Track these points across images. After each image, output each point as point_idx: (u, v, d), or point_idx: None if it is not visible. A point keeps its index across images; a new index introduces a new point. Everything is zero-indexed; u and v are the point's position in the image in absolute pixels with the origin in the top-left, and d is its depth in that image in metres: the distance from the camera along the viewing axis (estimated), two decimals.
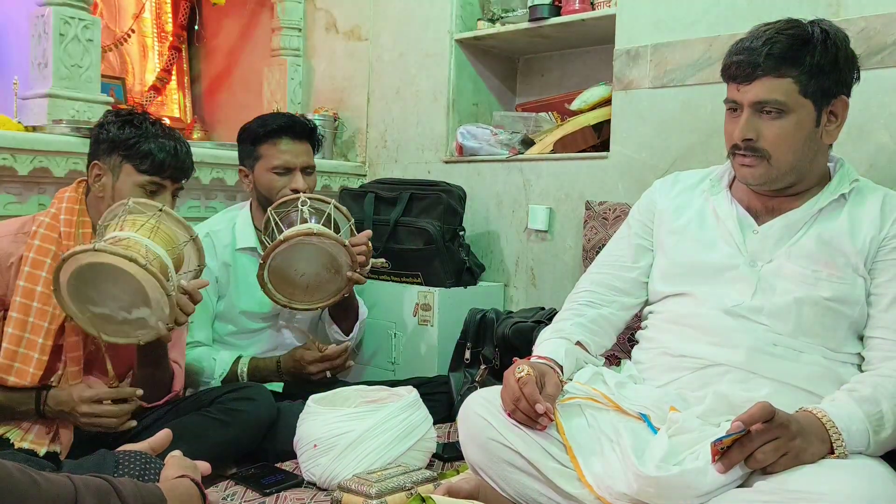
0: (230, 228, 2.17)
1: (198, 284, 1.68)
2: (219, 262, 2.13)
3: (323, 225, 1.96)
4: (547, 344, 1.53)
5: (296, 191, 2.07)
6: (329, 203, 2.01)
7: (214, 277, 2.12)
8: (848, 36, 1.42)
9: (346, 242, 1.94)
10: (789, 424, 1.18)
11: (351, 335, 2.24)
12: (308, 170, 2.15)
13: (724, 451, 1.18)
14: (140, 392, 1.68)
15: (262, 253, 2.11)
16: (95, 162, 1.73)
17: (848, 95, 1.43)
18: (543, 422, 1.34)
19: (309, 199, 2.00)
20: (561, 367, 1.46)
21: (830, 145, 1.47)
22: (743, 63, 1.40)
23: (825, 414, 1.22)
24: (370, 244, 2.05)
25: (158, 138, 1.73)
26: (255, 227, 2.17)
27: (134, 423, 1.64)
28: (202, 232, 2.12)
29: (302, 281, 1.99)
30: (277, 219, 2.00)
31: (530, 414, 1.34)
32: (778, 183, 1.44)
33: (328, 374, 2.07)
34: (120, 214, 1.63)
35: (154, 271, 1.52)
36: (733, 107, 1.44)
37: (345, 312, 2.21)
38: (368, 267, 2.05)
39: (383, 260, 2.13)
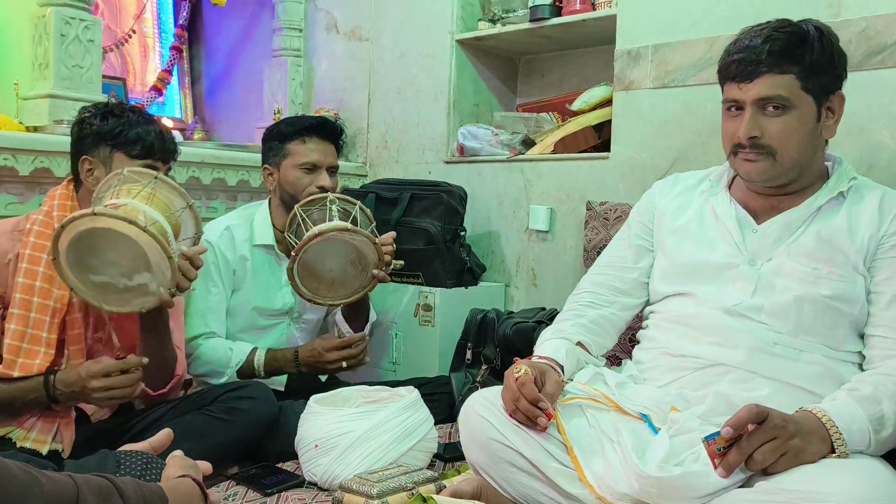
0: (248, 224, 2.20)
1: (198, 251, 1.68)
2: (237, 256, 2.15)
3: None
4: (548, 344, 1.53)
5: (322, 188, 2.12)
6: (355, 204, 2.06)
7: (232, 270, 2.14)
8: (837, 35, 1.44)
9: (377, 240, 1.97)
10: (786, 424, 1.18)
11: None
12: (333, 169, 2.19)
13: (723, 454, 1.18)
14: (146, 360, 1.67)
15: (279, 251, 2.17)
16: (85, 157, 1.74)
17: (842, 90, 1.45)
18: (543, 422, 1.34)
19: (337, 198, 2.05)
20: (561, 367, 1.46)
21: (826, 143, 1.47)
22: (745, 61, 1.40)
23: (825, 413, 1.22)
24: (394, 244, 2.08)
25: (142, 124, 1.76)
26: (274, 225, 2.20)
27: (139, 389, 1.63)
28: (221, 226, 2.16)
29: (329, 276, 2.03)
30: (304, 216, 2.03)
31: (530, 414, 1.34)
32: (781, 179, 1.44)
33: (344, 364, 2.07)
34: (115, 184, 1.64)
35: (154, 233, 1.52)
36: (734, 106, 1.44)
37: (357, 312, 2.22)
38: (391, 267, 2.07)
39: (401, 262, 2.14)
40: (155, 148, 1.75)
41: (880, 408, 1.24)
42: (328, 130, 2.19)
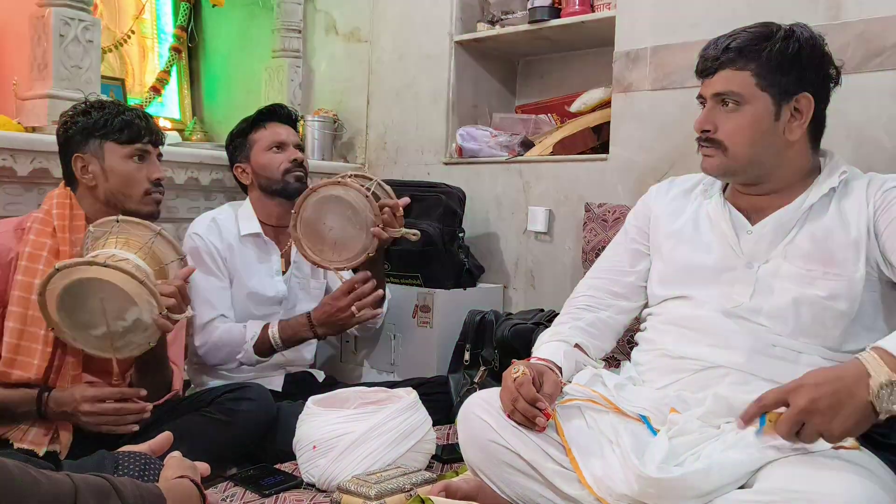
0: (233, 218, 2.23)
1: (186, 272, 1.69)
2: (224, 244, 2.18)
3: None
4: (546, 346, 1.53)
5: (296, 161, 2.21)
6: (372, 179, 2.12)
7: (223, 258, 2.16)
8: (820, 38, 1.42)
9: (369, 194, 2.00)
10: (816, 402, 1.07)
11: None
12: (299, 147, 2.29)
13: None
14: (144, 392, 1.69)
15: (267, 238, 2.21)
16: (77, 155, 1.76)
17: (815, 94, 1.41)
18: (541, 423, 1.34)
19: (355, 175, 2.12)
20: (560, 369, 1.46)
21: (816, 141, 1.46)
22: (706, 57, 1.46)
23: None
24: (401, 210, 2.08)
25: (125, 112, 1.80)
26: (258, 218, 2.23)
27: (136, 427, 1.65)
28: (207, 218, 2.21)
29: (330, 235, 2.05)
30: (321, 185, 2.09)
31: (528, 414, 1.34)
32: (739, 175, 1.46)
33: (355, 309, 2.07)
34: (87, 245, 1.68)
35: (115, 265, 1.54)
36: (702, 102, 1.49)
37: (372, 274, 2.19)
38: (398, 232, 2.06)
39: (416, 232, 2.12)
40: (143, 131, 1.79)
41: None
42: (282, 113, 2.30)
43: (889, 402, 1.05)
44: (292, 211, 2.03)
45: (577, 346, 1.55)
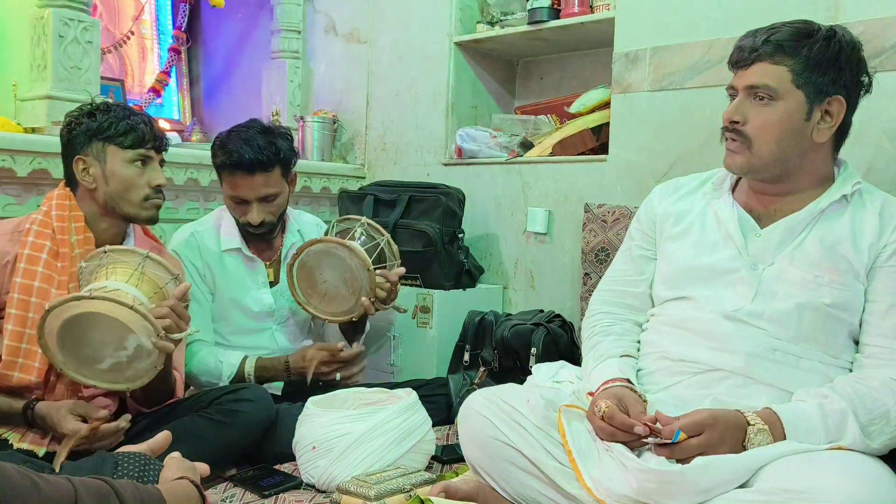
0: (215, 230, 2.15)
1: (180, 291, 1.67)
2: (203, 262, 2.12)
3: (367, 252, 2.02)
4: (599, 371, 1.48)
5: (252, 224, 2.05)
6: (384, 236, 2.12)
7: (201, 275, 2.12)
8: (859, 44, 1.43)
9: (371, 268, 1.99)
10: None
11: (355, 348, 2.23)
12: (269, 198, 2.06)
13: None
14: (125, 425, 1.65)
15: (249, 253, 2.15)
16: (78, 157, 1.75)
17: (847, 98, 1.42)
18: (642, 432, 1.29)
19: (368, 224, 2.12)
20: (628, 381, 1.43)
21: (837, 148, 1.46)
22: (744, 48, 1.43)
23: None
24: (398, 286, 2.10)
25: (130, 116, 1.78)
26: (240, 229, 2.15)
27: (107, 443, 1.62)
28: (186, 233, 2.14)
29: (322, 287, 2.07)
30: (332, 228, 2.14)
31: (630, 439, 1.30)
32: (762, 173, 1.44)
33: (338, 376, 2.08)
34: (101, 264, 1.67)
35: (103, 296, 1.52)
36: (732, 93, 1.46)
37: (353, 329, 2.20)
38: (388, 306, 2.09)
39: (406, 309, 2.20)
40: (146, 136, 1.77)
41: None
42: (252, 164, 1.99)
43: (757, 442, 1.25)
44: (248, 256, 2.04)
45: (626, 355, 1.52)
